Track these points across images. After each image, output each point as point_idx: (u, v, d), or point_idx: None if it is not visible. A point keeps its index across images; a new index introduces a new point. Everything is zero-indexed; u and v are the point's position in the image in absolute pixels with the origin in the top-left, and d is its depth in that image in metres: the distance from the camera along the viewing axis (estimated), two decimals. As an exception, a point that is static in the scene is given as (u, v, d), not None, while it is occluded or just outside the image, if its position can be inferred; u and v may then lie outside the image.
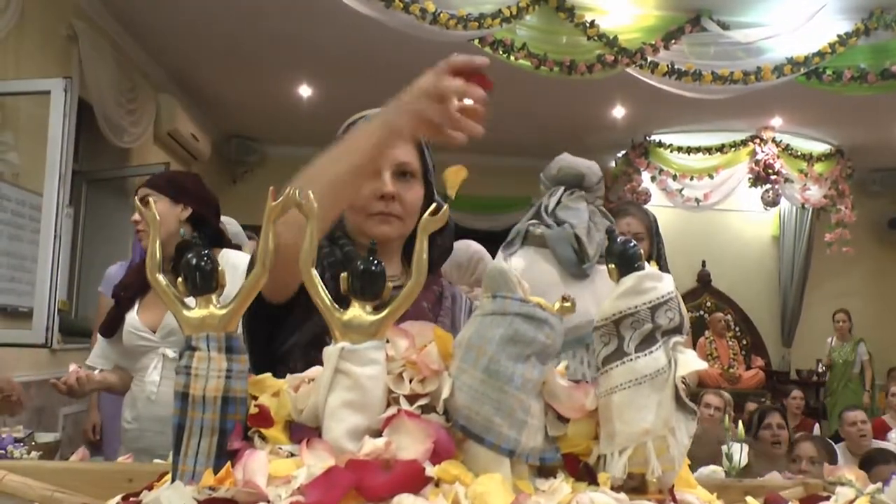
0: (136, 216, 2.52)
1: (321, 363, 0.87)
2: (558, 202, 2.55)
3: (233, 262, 2.29)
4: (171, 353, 2.39)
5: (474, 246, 2.89)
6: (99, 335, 2.64)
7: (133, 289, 2.53)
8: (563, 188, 2.58)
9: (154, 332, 2.42)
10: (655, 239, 2.82)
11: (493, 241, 3.02)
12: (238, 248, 2.63)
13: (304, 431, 0.83)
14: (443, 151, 1.52)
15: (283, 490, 0.71)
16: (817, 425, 5.65)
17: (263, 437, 0.84)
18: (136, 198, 2.45)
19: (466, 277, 2.76)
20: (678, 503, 0.83)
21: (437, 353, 0.84)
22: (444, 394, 0.81)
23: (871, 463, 3.10)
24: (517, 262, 2.50)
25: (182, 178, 2.61)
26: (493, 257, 2.71)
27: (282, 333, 1.32)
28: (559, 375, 0.85)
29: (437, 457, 0.75)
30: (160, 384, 2.38)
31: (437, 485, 0.73)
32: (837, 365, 7.68)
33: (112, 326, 2.54)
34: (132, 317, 2.46)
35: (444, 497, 0.71)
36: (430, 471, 0.74)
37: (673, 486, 0.84)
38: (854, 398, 7.33)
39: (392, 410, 0.81)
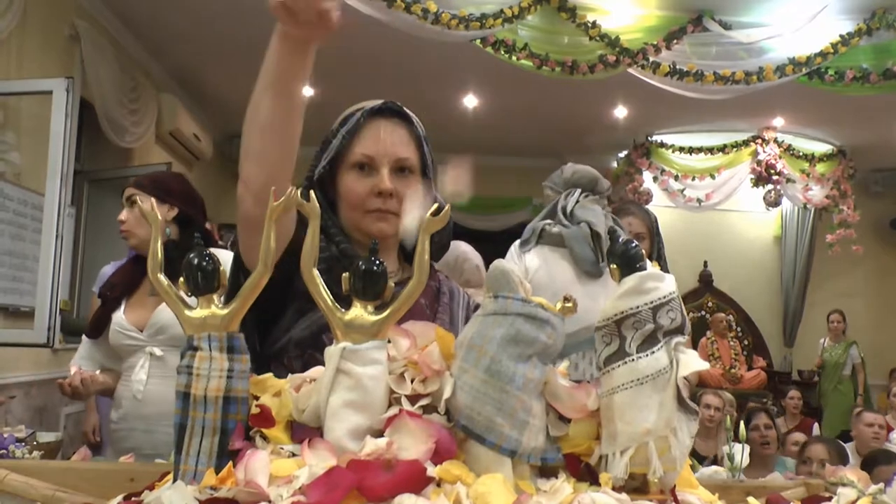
0: (122, 216, 2.52)
1: (317, 360, 0.87)
2: (576, 202, 2.59)
3: (223, 261, 2.29)
4: (157, 351, 2.39)
5: (462, 246, 2.89)
6: (84, 336, 2.64)
7: (119, 288, 2.53)
8: (579, 191, 2.61)
9: (141, 331, 2.41)
10: (656, 239, 2.83)
11: (492, 241, 3.01)
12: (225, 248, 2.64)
13: (305, 431, 0.83)
14: (443, 150, 1.53)
15: (284, 490, 0.71)
16: (816, 425, 5.64)
17: (265, 437, 0.84)
18: (135, 197, 2.45)
19: (455, 277, 2.77)
20: (680, 504, 0.83)
21: (439, 353, 0.84)
22: (446, 394, 0.81)
23: (872, 463, 3.09)
24: (532, 260, 2.53)
25: (167, 178, 2.61)
26: (494, 258, 2.71)
27: (276, 329, 1.32)
28: (560, 376, 0.85)
29: (438, 457, 0.75)
30: (147, 383, 2.38)
31: (438, 485, 0.73)
32: (829, 366, 7.66)
33: (98, 327, 2.53)
34: (119, 316, 2.46)
35: (445, 497, 0.71)
36: (432, 471, 0.74)
37: (675, 486, 0.84)
38: (844, 400, 7.32)
39: (394, 410, 0.81)
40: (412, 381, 0.82)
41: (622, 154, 7.99)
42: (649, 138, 7.65)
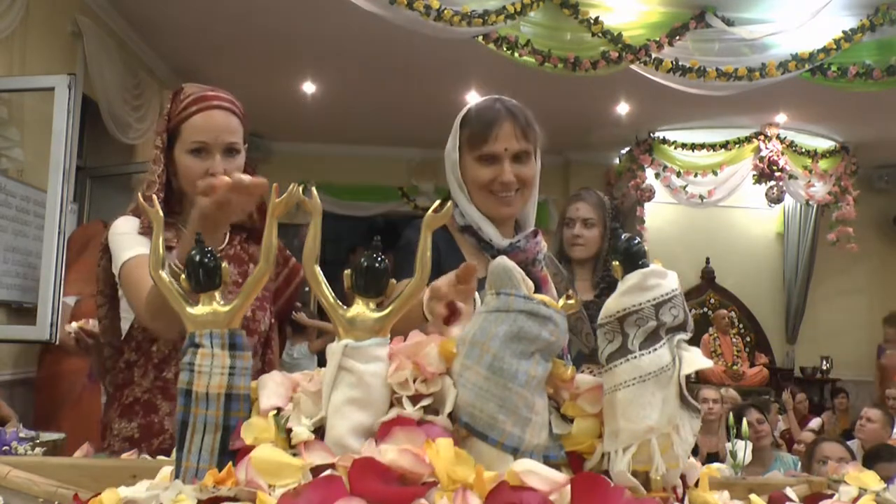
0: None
1: None
2: None
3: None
4: None
5: None
6: None
7: None
8: None
9: None
10: (609, 226, 2.64)
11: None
12: None
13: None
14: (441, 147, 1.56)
15: (284, 490, 0.71)
16: (817, 419, 5.64)
17: (267, 435, 0.84)
18: None
19: None
20: (682, 501, 0.83)
21: (437, 355, 0.84)
22: (448, 402, 0.80)
23: (875, 459, 3.08)
24: None
25: None
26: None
27: None
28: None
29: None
30: None
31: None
32: None
33: None
34: None
35: (448, 500, 0.70)
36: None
37: (684, 482, 0.84)
38: None
39: (394, 412, 0.80)
40: (414, 382, 0.82)
41: (624, 151, 7.97)
42: (652, 135, 7.63)
